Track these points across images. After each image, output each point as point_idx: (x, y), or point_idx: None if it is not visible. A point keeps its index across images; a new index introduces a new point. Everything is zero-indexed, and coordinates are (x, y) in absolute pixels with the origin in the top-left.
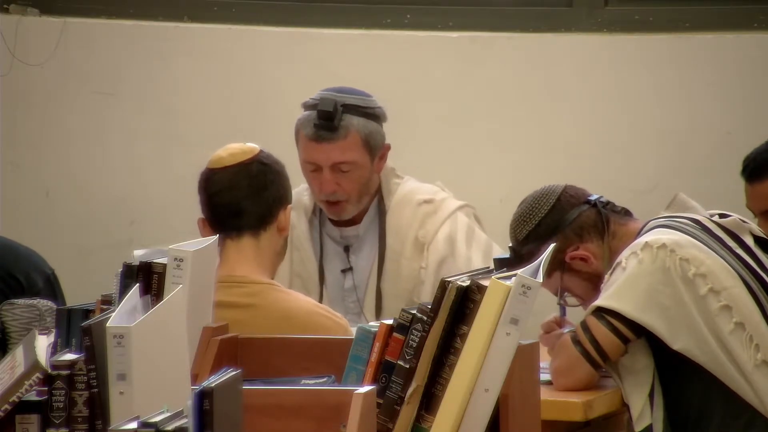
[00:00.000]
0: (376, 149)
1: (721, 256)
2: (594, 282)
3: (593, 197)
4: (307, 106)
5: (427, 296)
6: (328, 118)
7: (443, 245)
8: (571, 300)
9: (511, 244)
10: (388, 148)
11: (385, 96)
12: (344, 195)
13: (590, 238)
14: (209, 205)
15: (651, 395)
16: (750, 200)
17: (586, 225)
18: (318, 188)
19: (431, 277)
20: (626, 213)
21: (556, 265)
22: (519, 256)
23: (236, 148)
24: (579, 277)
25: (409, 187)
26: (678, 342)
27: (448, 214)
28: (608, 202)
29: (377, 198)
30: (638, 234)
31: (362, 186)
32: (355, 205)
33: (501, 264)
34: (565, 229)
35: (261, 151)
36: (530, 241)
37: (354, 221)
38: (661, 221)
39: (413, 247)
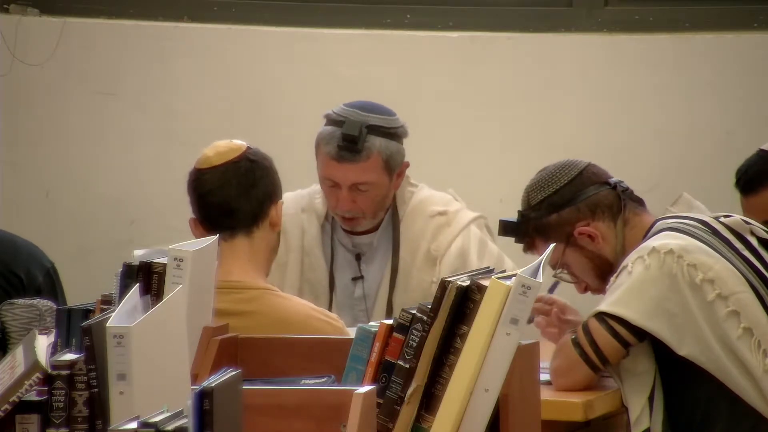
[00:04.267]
0: (395, 168)
1: (729, 260)
2: (595, 263)
3: (614, 180)
4: (330, 120)
5: None
6: (353, 141)
7: (455, 259)
8: (564, 275)
9: (521, 209)
10: (407, 165)
11: (385, 96)
12: (360, 212)
13: (602, 218)
14: (201, 205)
15: (651, 398)
16: (745, 212)
17: (601, 204)
18: (334, 203)
19: None
20: (641, 203)
21: (563, 237)
22: (527, 221)
23: (223, 146)
24: (581, 254)
25: (423, 196)
26: (684, 348)
27: (461, 227)
28: (627, 188)
29: (391, 208)
30: (647, 232)
31: (378, 203)
32: (371, 220)
33: (506, 227)
34: (579, 203)
35: (248, 148)
36: (543, 207)
37: (368, 230)
38: (670, 223)
39: (425, 259)
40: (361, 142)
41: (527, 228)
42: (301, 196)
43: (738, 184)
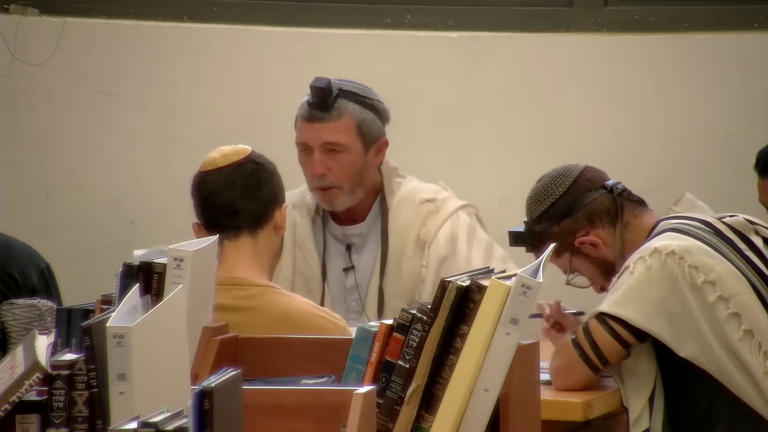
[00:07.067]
0: (370, 139)
1: (731, 261)
2: (602, 267)
3: (610, 182)
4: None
5: (427, 295)
6: (321, 96)
7: (444, 244)
8: (580, 280)
9: (525, 219)
10: (386, 143)
11: (385, 96)
12: (335, 181)
13: (602, 225)
14: (204, 206)
15: (651, 399)
16: (762, 194)
17: (599, 211)
18: (310, 172)
19: (432, 275)
20: (641, 203)
21: (566, 247)
22: (532, 232)
23: (228, 149)
24: (588, 261)
25: (411, 187)
26: (684, 349)
27: (449, 213)
28: (625, 190)
29: (380, 197)
30: (650, 233)
31: (354, 175)
32: (348, 195)
33: (515, 237)
34: (576, 213)
35: (253, 152)
36: (543, 220)
37: (356, 220)
38: (673, 224)
39: (415, 246)
40: (331, 100)
41: (533, 239)
42: (291, 194)
43: (757, 165)
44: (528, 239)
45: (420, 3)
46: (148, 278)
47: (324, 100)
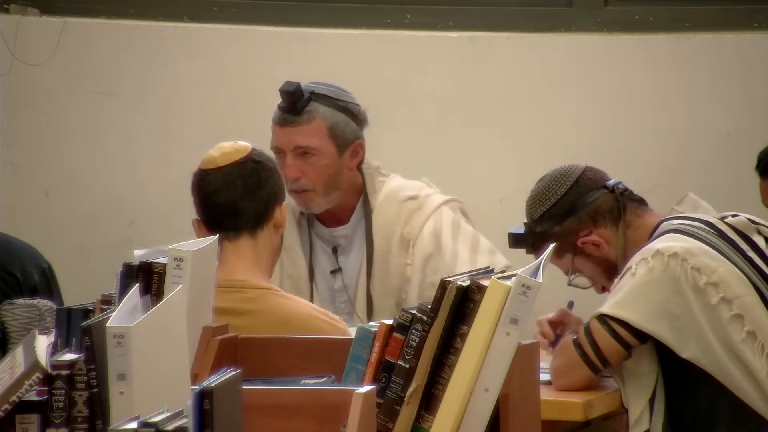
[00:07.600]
0: (343, 141)
1: (734, 262)
2: (605, 267)
3: (612, 182)
4: None
5: (413, 293)
6: (290, 100)
7: (428, 241)
8: (582, 281)
9: (525, 221)
10: (361, 145)
11: (385, 96)
12: (309, 184)
13: (604, 224)
14: (205, 206)
15: (652, 401)
16: (764, 196)
17: (601, 210)
18: (284, 175)
19: (417, 273)
20: (642, 202)
21: (568, 247)
22: (533, 233)
23: (228, 147)
24: (590, 261)
25: (394, 185)
26: (686, 351)
27: (432, 209)
28: (626, 189)
29: (363, 197)
30: (652, 233)
31: (328, 177)
32: (323, 198)
33: (515, 239)
34: (579, 213)
35: (253, 149)
36: (544, 220)
37: (342, 221)
38: (675, 224)
39: (399, 244)
40: (301, 104)
41: (534, 240)
42: None
43: (758, 166)
44: (528, 240)
45: (420, 3)
46: (148, 278)
47: (294, 103)
